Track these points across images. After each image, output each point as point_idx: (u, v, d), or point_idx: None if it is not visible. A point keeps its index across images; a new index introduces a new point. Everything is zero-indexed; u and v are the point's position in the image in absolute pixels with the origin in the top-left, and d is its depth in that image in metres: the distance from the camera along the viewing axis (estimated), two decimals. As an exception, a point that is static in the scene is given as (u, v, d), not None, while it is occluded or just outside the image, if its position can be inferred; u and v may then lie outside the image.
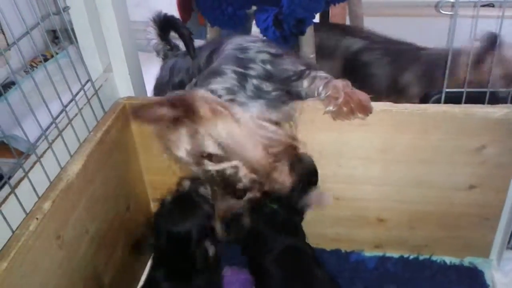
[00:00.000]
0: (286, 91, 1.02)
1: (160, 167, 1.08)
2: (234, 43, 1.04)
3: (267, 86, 0.97)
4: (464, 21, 1.37)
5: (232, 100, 0.92)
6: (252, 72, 0.97)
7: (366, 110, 1.01)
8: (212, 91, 0.92)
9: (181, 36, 1.22)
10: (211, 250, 1.01)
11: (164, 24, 1.28)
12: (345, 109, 1.01)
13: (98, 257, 1.03)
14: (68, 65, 1.06)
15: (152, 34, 1.30)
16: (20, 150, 1.42)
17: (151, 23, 1.28)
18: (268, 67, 1.01)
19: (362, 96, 1.02)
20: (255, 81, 0.97)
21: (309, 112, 1.05)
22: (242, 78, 0.96)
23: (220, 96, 0.92)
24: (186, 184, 1.04)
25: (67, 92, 1.04)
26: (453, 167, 1.08)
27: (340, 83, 1.04)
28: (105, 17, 1.15)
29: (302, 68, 1.06)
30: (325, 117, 1.05)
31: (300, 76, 1.04)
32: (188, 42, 1.18)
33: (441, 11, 1.53)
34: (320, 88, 1.04)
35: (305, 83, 1.06)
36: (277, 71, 1.02)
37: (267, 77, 1.00)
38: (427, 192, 1.13)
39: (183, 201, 1.03)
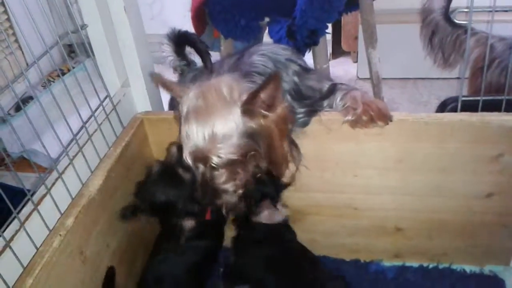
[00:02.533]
0: (310, 111, 1.04)
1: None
2: (264, 47, 1.06)
3: (295, 107, 1.00)
4: (479, 26, 1.38)
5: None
6: (285, 86, 0.99)
7: (386, 118, 1.02)
8: None
9: (198, 51, 1.23)
10: (188, 224, 1.05)
11: (179, 40, 1.29)
12: (364, 118, 1.01)
13: (119, 271, 1.04)
14: (84, 78, 1.08)
15: (168, 51, 1.30)
16: (39, 164, 1.44)
17: (166, 40, 1.28)
18: (297, 79, 1.03)
19: (381, 104, 1.03)
20: (288, 98, 1.00)
21: (325, 123, 1.06)
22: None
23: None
24: (174, 151, 1.07)
25: (84, 105, 1.06)
26: (471, 175, 1.07)
27: (359, 93, 1.04)
28: (122, 33, 1.17)
29: (328, 84, 1.07)
30: (342, 127, 1.05)
31: (325, 96, 1.06)
32: (205, 57, 1.19)
33: (456, 20, 1.53)
34: (338, 99, 1.05)
35: (329, 100, 1.07)
36: (304, 88, 1.04)
37: (297, 94, 1.02)
38: (445, 201, 1.12)
39: (166, 173, 1.07)
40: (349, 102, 1.03)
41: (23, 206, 0.89)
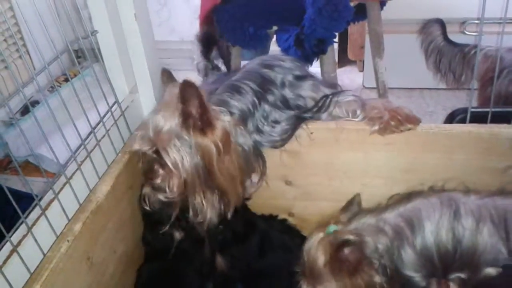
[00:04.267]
0: (295, 120, 1.05)
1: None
2: (260, 59, 1.07)
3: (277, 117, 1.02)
4: (489, 37, 1.38)
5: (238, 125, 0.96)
6: (270, 98, 1.01)
7: (415, 121, 1.03)
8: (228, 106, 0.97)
9: (221, 55, 1.24)
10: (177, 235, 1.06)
11: (206, 41, 1.31)
12: (393, 123, 1.03)
13: (125, 277, 1.05)
14: (91, 83, 1.08)
15: (197, 53, 1.31)
16: (45, 169, 1.44)
17: (196, 41, 1.30)
18: (286, 90, 1.04)
19: (407, 110, 1.04)
20: (267, 108, 1.01)
21: (334, 132, 1.06)
22: (258, 99, 1.00)
23: (232, 114, 0.96)
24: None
25: (89, 111, 1.06)
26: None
27: (380, 102, 1.05)
28: (132, 40, 1.17)
29: (325, 93, 1.07)
30: (349, 137, 1.05)
31: (321, 107, 1.07)
32: (227, 61, 1.20)
33: (466, 32, 1.54)
34: (358, 112, 1.06)
35: (329, 110, 1.08)
36: (293, 97, 1.05)
37: (283, 104, 1.04)
38: (452, 212, 1.12)
39: None
40: (371, 113, 1.03)
41: (30, 211, 0.89)
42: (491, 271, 0.89)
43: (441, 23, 1.67)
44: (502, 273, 0.88)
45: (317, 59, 1.53)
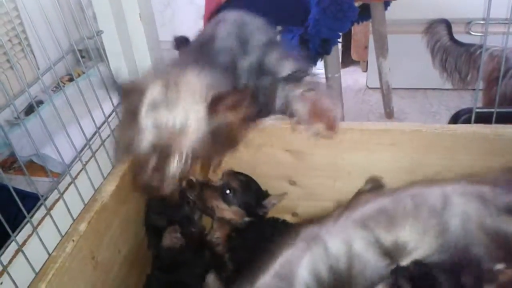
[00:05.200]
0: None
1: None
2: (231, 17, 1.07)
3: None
4: (494, 38, 1.38)
5: None
6: (244, 64, 1.00)
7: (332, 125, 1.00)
8: None
9: None
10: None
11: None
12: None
13: (130, 277, 1.05)
14: (96, 83, 1.07)
15: None
16: (50, 169, 1.44)
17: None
18: (260, 53, 1.03)
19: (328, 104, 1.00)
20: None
21: (338, 133, 1.06)
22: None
23: None
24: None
25: (95, 110, 1.06)
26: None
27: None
28: (136, 40, 1.17)
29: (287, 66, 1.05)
30: (353, 137, 1.05)
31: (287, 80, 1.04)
32: None
33: (471, 32, 1.54)
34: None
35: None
36: (267, 62, 1.04)
37: (256, 70, 1.02)
38: (457, 213, 1.12)
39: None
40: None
41: (36, 211, 0.89)
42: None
43: (447, 23, 1.67)
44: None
45: (321, 60, 1.53)
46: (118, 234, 1.00)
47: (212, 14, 1.57)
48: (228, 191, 1.06)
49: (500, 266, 0.77)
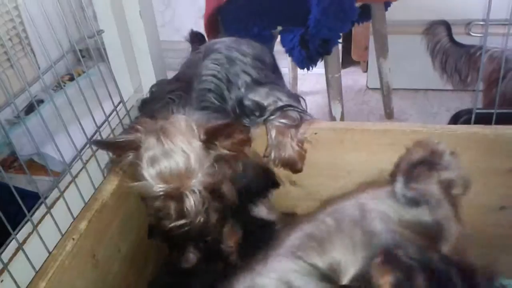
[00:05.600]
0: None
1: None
2: (220, 51, 1.06)
3: None
4: (494, 39, 1.38)
5: None
6: (230, 103, 1.01)
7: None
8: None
9: None
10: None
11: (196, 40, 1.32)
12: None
13: (130, 275, 1.05)
14: (96, 82, 1.07)
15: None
16: (50, 168, 1.44)
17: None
18: (243, 93, 1.03)
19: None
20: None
21: (338, 132, 1.06)
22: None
23: None
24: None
25: (95, 109, 1.06)
26: (484, 188, 1.07)
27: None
28: (137, 39, 1.17)
29: (272, 101, 1.06)
30: (354, 137, 1.05)
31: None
32: None
33: (471, 33, 1.54)
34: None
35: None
36: (249, 103, 1.04)
37: (240, 109, 1.03)
38: (457, 213, 1.12)
39: None
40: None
41: (36, 209, 0.89)
42: None
43: (447, 25, 1.67)
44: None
45: (321, 60, 1.53)
46: (118, 232, 1.00)
47: (212, 15, 1.57)
48: None
49: None
